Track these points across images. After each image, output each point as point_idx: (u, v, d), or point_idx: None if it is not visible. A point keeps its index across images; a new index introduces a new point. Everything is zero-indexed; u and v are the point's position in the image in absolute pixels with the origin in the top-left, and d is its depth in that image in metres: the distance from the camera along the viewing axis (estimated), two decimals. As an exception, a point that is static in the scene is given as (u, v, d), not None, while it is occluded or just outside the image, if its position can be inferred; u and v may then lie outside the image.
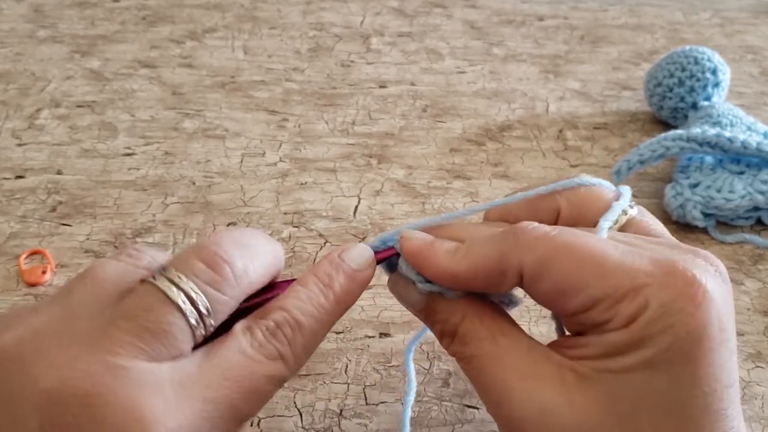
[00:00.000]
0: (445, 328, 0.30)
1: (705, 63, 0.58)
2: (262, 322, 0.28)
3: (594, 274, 0.26)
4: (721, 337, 0.25)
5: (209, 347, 0.27)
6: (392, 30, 0.74)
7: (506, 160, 0.58)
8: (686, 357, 0.25)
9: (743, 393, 0.40)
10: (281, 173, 0.55)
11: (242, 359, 0.26)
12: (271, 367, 0.27)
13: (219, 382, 0.25)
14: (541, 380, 0.27)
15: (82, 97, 0.63)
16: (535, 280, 0.27)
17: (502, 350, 0.29)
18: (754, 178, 0.51)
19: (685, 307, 0.25)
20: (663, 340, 0.25)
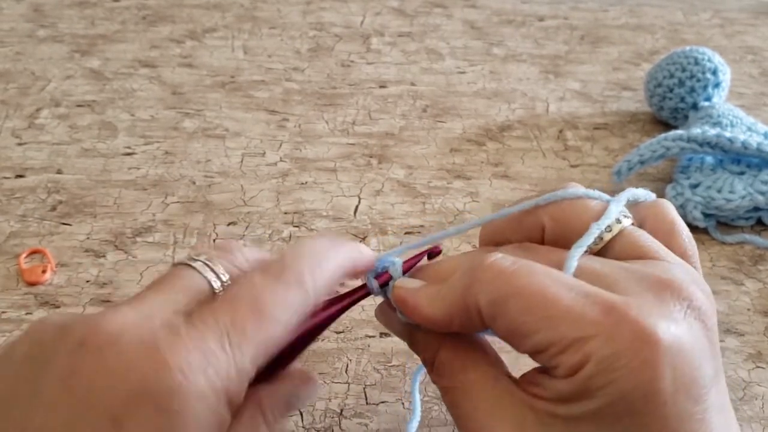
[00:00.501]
0: (425, 358, 0.31)
1: (705, 63, 0.58)
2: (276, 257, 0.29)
3: (542, 321, 0.25)
4: (676, 388, 0.24)
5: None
6: (392, 30, 0.74)
7: (506, 160, 0.58)
8: (635, 411, 0.24)
9: (743, 393, 0.40)
10: (281, 173, 0.55)
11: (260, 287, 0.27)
12: (292, 294, 0.27)
13: (245, 319, 0.26)
14: (501, 419, 0.27)
15: (82, 96, 0.63)
16: (491, 320, 0.27)
17: (471, 384, 0.29)
18: (755, 178, 0.51)
19: (630, 362, 0.24)
20: (606, 394, 0.24)
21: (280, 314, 0.26)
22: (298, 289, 0.27)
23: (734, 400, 0.40)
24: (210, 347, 0.24)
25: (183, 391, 0.23)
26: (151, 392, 0.23)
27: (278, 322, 0.26)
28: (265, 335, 0.26)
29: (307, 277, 0.27)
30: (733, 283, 0.48)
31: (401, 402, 0.39)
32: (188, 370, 0.23)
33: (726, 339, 0.44)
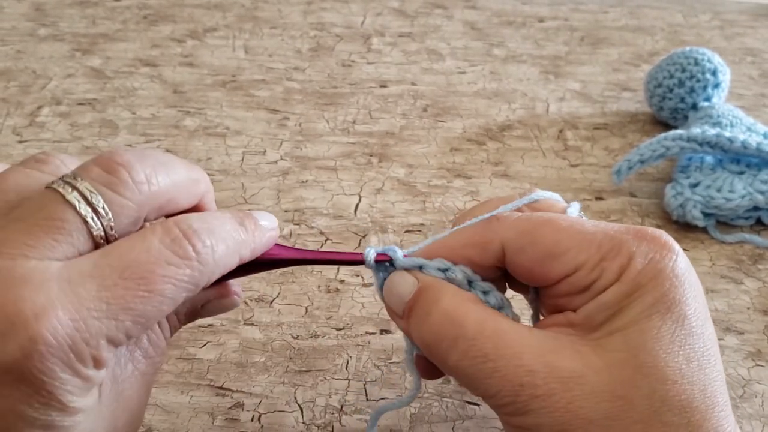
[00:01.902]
0: (433, 312, 0.30)
1: (705, 64, 0.58)
2: (180, 221, 0.27)
3: (574, 239, 0.29)
4: (695, 285, 0.29)
5: (111, 245, 0.26)
6: (393, 30, 0.75)
7: (507, 159, 0.58)
8: (680, 300, 0.28)
9: (743, 391, 0.40)
10: (282, 171, 0.55)
11: (146, 257, 0.25)
12: (180, 269, 0.26)
13: (114, 280, 0.24)
14: (558, 354, 0.28)
15: (83, 94, 0.63)
16: (518, 253, 0.29)
17: (504, 328, 0.28)
18: (754, 178, 0.51)
19: (667, 255, 0.28)
20: (658, 285, 0.27)
21: (171, 292, 0.25)
22: (196, 265, 0.26)
23: (734, 398, 0.40)
24: (83, 312, 0.24)
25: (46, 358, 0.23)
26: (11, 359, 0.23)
27: (168, 300, 0.25)
28: (149, 310, 0.25)
29: (209, 256, 0.27)
30: (733, 282, 0.48)
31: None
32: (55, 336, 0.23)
33: (726, 337, 0.44)
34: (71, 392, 0.24)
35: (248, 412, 0.38)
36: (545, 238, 0.29)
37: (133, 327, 0.25)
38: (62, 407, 0.24)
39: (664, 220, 0.52)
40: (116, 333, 0.25)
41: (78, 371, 0.24)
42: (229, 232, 0.28)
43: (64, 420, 0.24)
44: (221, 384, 0.40)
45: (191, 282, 0.26)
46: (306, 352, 0.42)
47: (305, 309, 0.44)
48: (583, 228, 0.29)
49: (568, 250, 0.28)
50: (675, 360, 0.27)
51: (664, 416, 0.26)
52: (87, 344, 0.24)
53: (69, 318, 0.23)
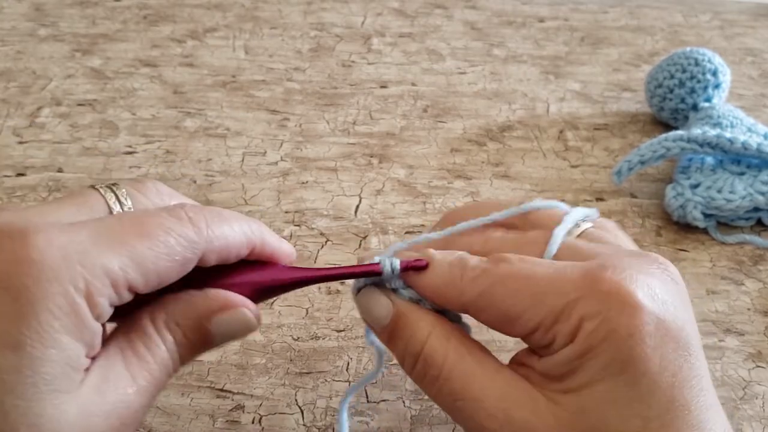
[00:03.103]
0: (409, 347, 0.30)
1: (705, 64, 0.58)
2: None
3: (528, 301, 0.28)
4: (664, 335, 0.26)
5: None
6: (393, 30, 0.74)
7: (507, 160, 0.58)
8: (634, 359, 0.26)
9: (744, 393, 0.41)
10: (282, 172, 0.55)
11: (143, 213, 0.27)
12: (175, 224, 0.27)
13: (112, 223, 0.26)
14: (515, 403, 0.28)
15: (83, 95, 0.63)
16: (478, 314, 0.29)
17: (471, 372, 0.29)
18: (755, 178, 0.51)
19: (623, 311, 0.26)
20: (609, 347, 0.26)
21: (164, 238, 0.26)
22: (189, 225, 0.27)
23: (734, 399, 0.40)
24: (80, 238, 0.24)
25: (34, 270, 0.23)
26: (6, 275, 0.23)
27: (161, 245, 0.26)
28: (144, 252, 0.25)
29: (202, 222, 0.27)
30: (733, 283, 0.48)
31: (402, 400, 0.39)
32: (46, 251, 0.23)
33: (726, 339, 0.44)
34: (53, 313, 0.23)
35: (249, 414, 0.39)
36: (501, 302, 0.28)
37: (130, 265, 0.25)
38: (39, 328, 0.23)
39: (665, 221, 0.52)
40: (112, 263, 0.25)
41: (66, 291, 0.24)
42: (234, 216, 0.29)
43: (35, 347, 0.23)
44: (222, 386, 0.40)
45: (186, 238, 0.27)
46: (306, 354, 0.42)
47: (306, 311, 0.44)
48: (538, 286, 0.28)
49: (524, 313, 0.28)
50: (627, 424, 0.26)
51: None
52: (81, 265, 0.24)
53: (65, 238, 0.24)
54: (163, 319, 0.28)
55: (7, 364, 0.23)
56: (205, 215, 0.28)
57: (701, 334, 0.43)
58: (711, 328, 0.44)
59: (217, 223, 0.28)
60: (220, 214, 0.29)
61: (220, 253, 0.28)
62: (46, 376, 0.23)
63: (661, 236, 0.51)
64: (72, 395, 0.24)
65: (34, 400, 0.23)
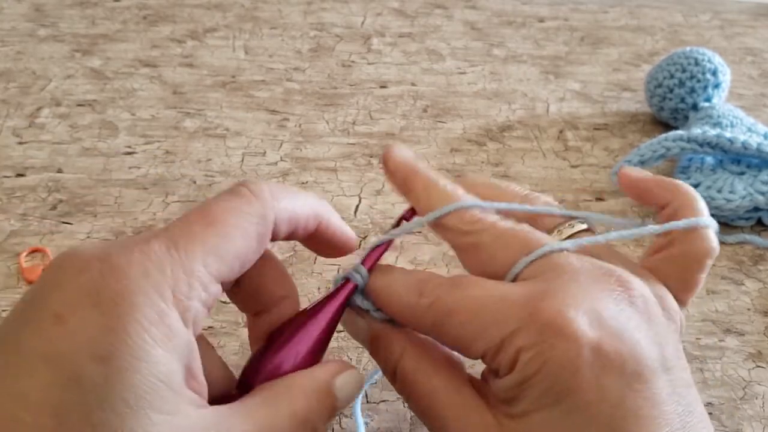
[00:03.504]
0: (387, 366, 0.31)
1: (705, 64, 0.58)
2: None
3: (475, 332, 0.28)
4: (602, 364, 0.25)
5: None
6: (393, 30, 0.74)
7: (507, 160, 0.58)
8: (569, 390, 0.26)
9: (744, 393, 0.40)
10: (282, 172, 0.55)
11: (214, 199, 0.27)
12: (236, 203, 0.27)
13: (177, 225, 0.26)
14: (468, 423, 0.28)
15: (82, 95, 0.63)
16: (436, 338, 0.30)
17: (435, 392, 0.30)
18: (755, 178, 0.51)
19: (557, 343, 0.26)
20: (544, 378, 0.26)
21: (233, 220, 0.26)
22: (254, 200, 0.27)
23: (734, 400, 0.40)
24: (154, 249, 0.24)
25: (120, 286, 0.23)
26: (94, 291, 0.23)
27: (231, 227, 0.26)
28: (217, 240, 0.25)
29: (266, 193, 0.27)
30: (733, 283, 0.48)
31: (401, 401, 0.39)
32: (129, 269, 0.23)
33: (726, 339, 0.44)
34: (142, 325, 0.23)
35: (248, 414, 0.38)
36: (451, 331, 0.29)
37: (209, 258, 0.25)
38: (128, 339, 0.22)
39: (665, 221, 0.52)
40: (192, 263, 0.24)
41: (154, 303, 0.23)
42: (296, 189, 0.29)
43: (124, 358, 0.22)
44: (221, 386, 0.40)
45: (254, 213, 0.27)
46: (306, 354, 0.42)
47: (305, 311, 0.44)
48: (483, 317, 0.28)
49: (474, 342, 0.28)
50: None
51: None
52: (162, 272, 0.24)
53: (142, 252, 0.24)
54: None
55: (96, 376, 0.22)
56: (269, 187, 0.28)
57: (701, 334, 0.44)
58: (711, 328, 0.44)
59: (283, 194, 0.28)
60: (284, 187, 0.29)
61: (290, 222, 0.28)
62: (137, 390, 0.22)
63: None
64: (170, 418, 0.23)
65: (124, 415, 0.22)
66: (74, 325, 0.22)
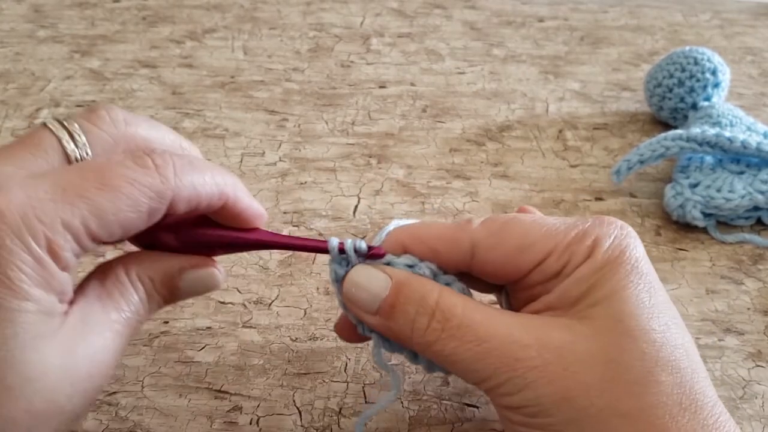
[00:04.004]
0: (421, 308, 0.30)
1: (705, 63, 0.58)
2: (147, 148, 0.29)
3: (540, 232, 0.31)
4: (647, 262, 0.31)
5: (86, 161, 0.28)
6: (392, 31, 0.74)
7: (506, 160, 0.58)
8: (649, 271, 0.30)
9: (743, 392, 0.40)
10: (281, 173, 0.55)
11: (106, 162, 0.27)
12: (138, 173, 0.27)
13: (72, 175, 0.26)
14: (546, 328, 0.29)
15: (81, 96, 0.63)
16: (489, 251, 0.31)
17: (491, 313, 0.30)
18: (754, 177, 0.51)
19: (627, 234, 0.31)
20: (627, 259, 0.30)
21: (128, 190, 0.26)
22: (155, 174, 0.27)
23: (734, 399, 0.40)
24: (39, 196, 0.25)
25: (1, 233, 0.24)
26: None
27: (124, 196, 0.26)
28: (106, 204, 0.26)
29: (170, 170, 0.27)
30: (733, 283, 0.48)
31: (400, 401, 0.39)
32: (7, 209, 0.24)
33: (726, 338, 0.44)
34: (20, 269, 0.24)
35: (246, 415, 0.38)
36: (514, 233, 0.31)
37: (91, 218, 0.25)
38: (10, 284, 0.24)
39: (664, 221, 0.52)
40: (71, 218, 0.25)
41: (29, 247, 0.24)
42: (204, 163, 0.29)
43: (9, 300, 0.24)
44: (219, 387, 0.40)
45: (151, 188, 0.27)
46: (305, 355, 0.42)
47: (304, 311, 0.44)
48: (546, 221, 0.31)
49: (537, 242, 0.30)
50: (659, 324, 0.29)
51: (659, 376, 0.28)
52: (40, 221, 0.24)
53: (24, 195, 0.24)
54: (136, 272, 0.29)
55: None
56: (174, 163, 0.28)
57: (701, 333, 0.44)
58: (711, 328, 0.44)
59: (188, 171, 0.28)
60: (192, 162, 0.28)
61: (189, 202, 0.28)
62: (25, 325, 0.24)
63: (661, 236, 0.51)
64: (53, 339, 0.25)
65: (17, 349, 0.24)
66: None
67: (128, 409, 0.38)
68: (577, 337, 0.28)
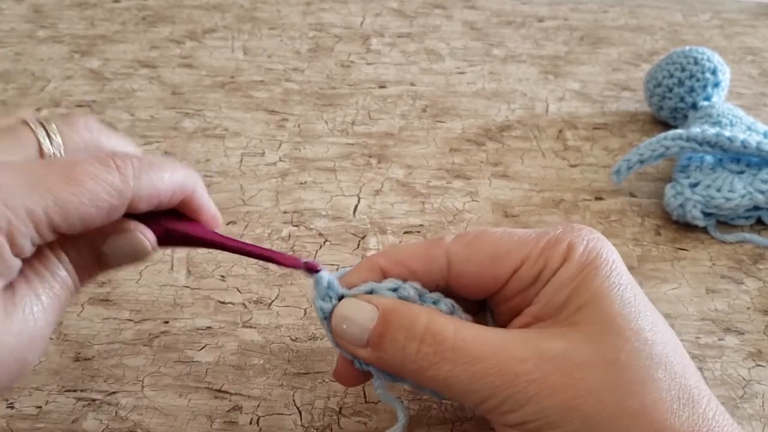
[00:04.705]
0: (410, 333, 0.30)
1: (705, 63, 0.58)
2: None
3: (513, 241, 0.31)
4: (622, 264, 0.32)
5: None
6: (392, 31, 0.74)
7: (506, 159, 0.58)
8: (625, 272, 0.31)
9: (743, 392, 0.40)
10: (281, 173, 0.55)
11: (71, 159, 0.28)
12: (101, 171, 0.27)
13: (38, 168, 0.27)
14: (539, 338, 0.29)
15: (81, 96, 0.63)
16: (464, 263, 0.31)
17: (482, 332, 0.30)
18: (754, 177, 0.51)
19: (599, 238, 0.32)
20: (604, 260, 0.30)
21: (91, 185, 0.27)
22: (116, 174, 0.28)
23: (734, 399, 0.40)
24: (7, 180, 0.25)
25: None
26: None
27: (87, 191, 0.27)
28: (69, 197, 0.26)
29: (129, 170, 0.28)
30: (733, 282, 0.48)
31: (400, 400, 0.39)
32: None
33: (726, 337, 0.44)
34: None
35: (246, 414, 0.38)
36: (487, 244, 0.31)
37: (54, 209, 0.26)
38: None
39: (664, 220, 0.52)
40: (35, 206, 0.25)
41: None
42: (164, 163, 0.30)
43: None
44: (219, 387, 0.40)
45: (112, 186, 0.27)
46: (305, 355, 0.42)
47: (304, 311, 0.44)
48: (517, 232, 0.32)
49: (511, 250, 0.31)
50: (647, 322, 0.29)
51: (656, 373, 0.28)
52: (5, 205, 0.25)
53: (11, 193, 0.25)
54: (62, 245, 0.29)
55: None
56: (134, 163, 0.28)
57: (701, 333, 0.44)
58: (711, 327, 0.44)
59: (146, 171, 0.29)
60: (151, 163, 0.29)
61: (149, 201, 0.29)
62: None
63: (661, 235, 0.51)
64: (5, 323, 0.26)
65: None
66: None
67: (128, 409, 0.38)
68: (572, 344, 0.28)
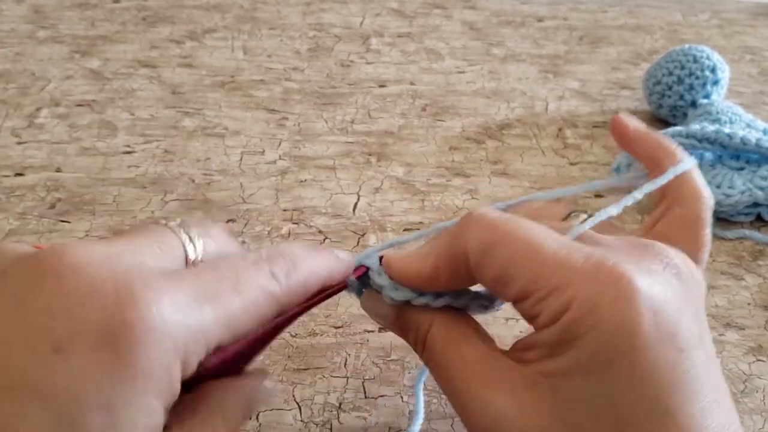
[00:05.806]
0: (416, 338, 0.31)
1: (704, 61, 0.58)
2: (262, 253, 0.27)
3: (527, 266, 0.26)
4: (659, 332, 0.24)
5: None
6: (392, 30, 0.75)
7: (506, 158, 0.58)
8: (620, 355, 0.24)
9: (744, 386, 0.40)
10: (281, 171, 0.55)
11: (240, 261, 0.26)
12: (267, 280, 0.25)
13: (207, 275, 0.24)
14: (495, 388, 0.27)
15: (81, 96, 0.63)
16: (478, 267, 0.27)
17: (464, 358, 0.29)
18: (754, 174, 0.51)
19: (613, 301, 0.24)
20: (592, 338, 0.24)
21: (255, 296, 0.25)
22: (273, 281, 0.26)
23: (735, 393, 0.40)
24: (182, 299, 0.23)
25: (141, 329, 0.21)
26: (108, 324, 0.21)
27: (251, 304, 0.25)
28: (236, 311, 0.24)
29: (281, 276, 0.26)
30: (733, 278, 0.48)
31: (400, 396, 0.39)
32: (154, 310, 0.21)
33: (726, 333, 0.44)
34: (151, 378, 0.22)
35: (246, 410, 0.38)
36: (500, 258, 0.27)
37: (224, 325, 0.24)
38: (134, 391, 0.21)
39: (664, 217, 0.52)
40: (210, 326, 0.23)
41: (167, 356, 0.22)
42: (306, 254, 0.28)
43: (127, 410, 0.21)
44: (219, 382, 0.40)
45: (273, 295, 0.26)
46: (304, 350, 0.42)
47: (304, 307, 0.44)
48: (541, 253, 0.26)
49: (519, 277, 0.26)
50: (597, 426, 0.25)
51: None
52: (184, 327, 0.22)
53: (169, 297, 0.22)
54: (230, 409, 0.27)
55: (94, 427, 0.21)
56: (285, 268, 0.27)
57: (701, 327, 0.43)
58: (711, 323, 0.44)
59: (294, 273, 0.27)
60: (294, 262, 0.27)
61: (295, 302, 0.27)
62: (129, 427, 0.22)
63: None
64: None
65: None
66: (77, 360, 0.20)
67: (128, 404, 0.38)
68: (517, 411, 0.26)
